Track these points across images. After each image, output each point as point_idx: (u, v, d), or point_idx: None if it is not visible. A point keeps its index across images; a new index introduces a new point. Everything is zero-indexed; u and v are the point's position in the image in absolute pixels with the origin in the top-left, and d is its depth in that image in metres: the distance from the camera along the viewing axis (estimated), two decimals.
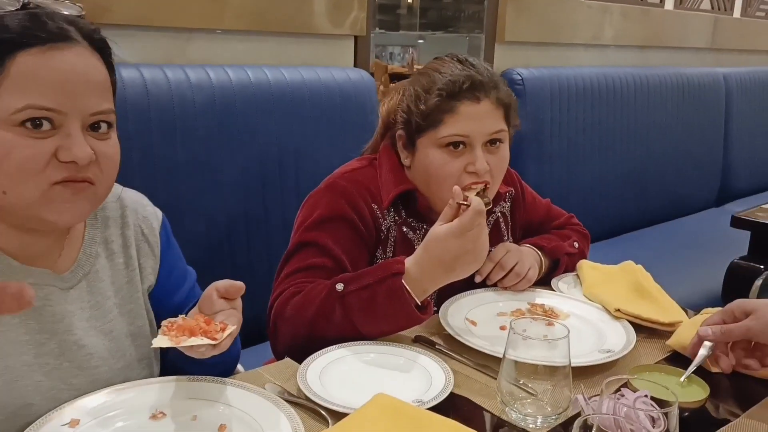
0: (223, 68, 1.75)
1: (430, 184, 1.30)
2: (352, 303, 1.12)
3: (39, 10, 0.87)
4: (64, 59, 0.85)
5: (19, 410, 0.89)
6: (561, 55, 2.92)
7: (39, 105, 0.83)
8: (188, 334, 0.87)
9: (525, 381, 0.94)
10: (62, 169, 0.85)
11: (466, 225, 1.09)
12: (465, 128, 1.26)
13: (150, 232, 1.07)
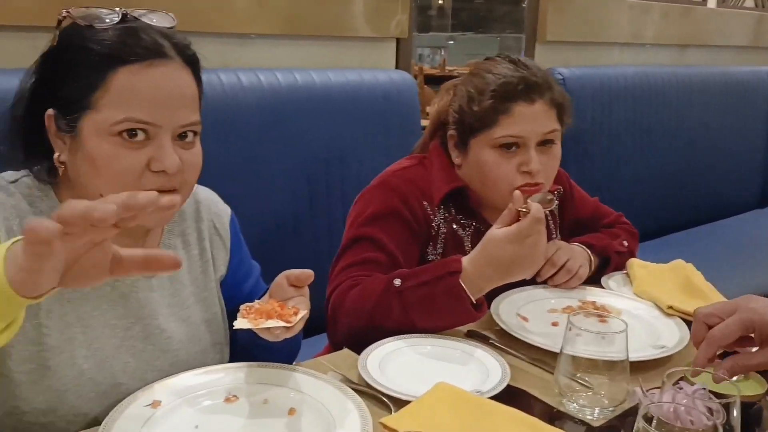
0: (272, 71, 1.80)
1: (484, 183, 1.33)
2: (408, 298, 1.15)
3: (136, 24, 0.93)
4: (159, 75, 0.91)
5: (109, 389, 0.96)
6: (600, 55, 2.92)
7: (136, 118, 0.89)
8: (265, 317, 0.93)
9: (581, 375, 0.96)
10: (154, 179, 0.91)
11: (524, 231, 1.10)
12: (519, 129, 1.28)
13: (221, 226, 1.14)
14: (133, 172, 0.90)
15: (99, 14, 0.92)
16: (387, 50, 2.19)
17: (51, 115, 0.93)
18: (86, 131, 0.90)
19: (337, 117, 1.88)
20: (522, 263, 1.12)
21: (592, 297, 1.37)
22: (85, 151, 0.91)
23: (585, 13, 2.76)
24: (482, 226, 1.38)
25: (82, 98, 0.90)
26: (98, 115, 0.89)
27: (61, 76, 0.92)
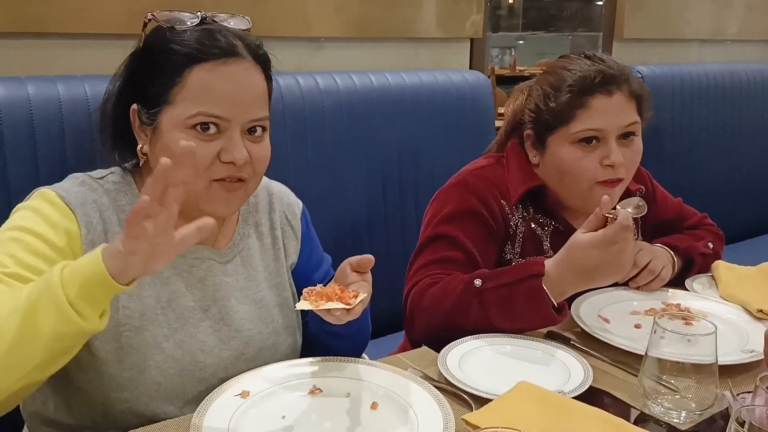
0: (348, 74, 1.83)
1: (564, 180, 1.31)
2: (489, 299, 1.15)
3: (213, 26, 1.00)
4: (232, 74, 0.98)
5: (188, 366, 1.03)
6: (680, 52, 2.84)
7: (209, 113, 0.97)
8: (325, 299, 0.96)
9: (667, 377, 0.94)
10: (223, 168, 0.99)
11: (610, 238, 1.09)
12: (598, 122, 1.26)
13: (293, 217, 1.20)
14: (204, 161, 0.97)
15: (180, 17, 1.00)
16: (461, 51, 2.20)
17: (135, 109, 1.02)
18: (164, 124, 0.98)
19: (411, 118, 1.90)
20: (606, 270, 1.10)
21: (676, 299, 1.34)
22: (162, 142, 0.99)
23: (664, 8, 2.68)
24: (561, 225, 1.36)
25: (162, 94, 0.98)
26: (175, 109, 0.97)
27: (146, 74, 1.00)
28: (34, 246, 0.94)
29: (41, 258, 0.93)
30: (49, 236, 0.95)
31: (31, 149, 1.30)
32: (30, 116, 1.30)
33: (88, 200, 1.01)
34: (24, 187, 1.27)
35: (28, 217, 0.97)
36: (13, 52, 1.47)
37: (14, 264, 0.91)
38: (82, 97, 1.35)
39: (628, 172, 1.30)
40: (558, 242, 1.35)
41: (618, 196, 1.32)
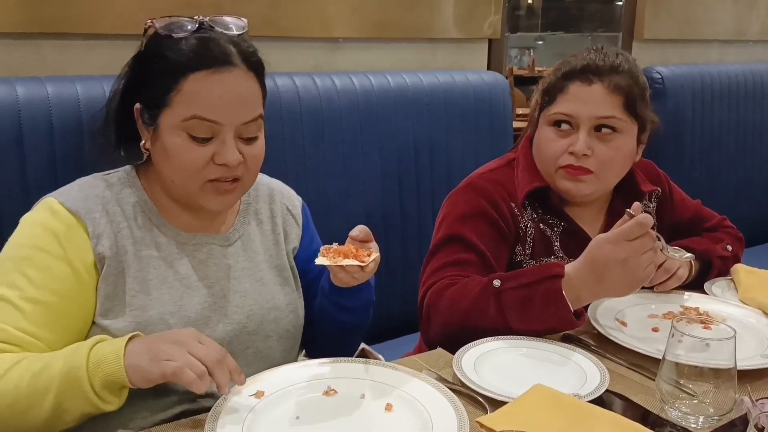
0: (365, 74, 1.83)
1: (539, 158, 1.35)
2: (507, 300, 1.15)
3: (209, 33, 1.05)
4: (225, 81, 1.03)
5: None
6: (700, 52, 2.80)
7: (203, 116, 1.02)
8: (342, 256, 1.02)
9: (685, 382, 0.93)
10: (216, 170, 1.05)
11: (624, 233, 1.08)
12: (571, 108, 1.29)
13: (293, 208, 1.27)
14: (198, 163, 1.04)
15: (179, 23, 1.05)
16: (479, 51, 2.19)
17: (138, 108, 1.08)
18: (163, 125, 1.05)
19: (428, 118, 1.89)
20: (615, 269, 1.08)
21: (695, 303, 1.32)
22: (161, 143, 1.05)
23: (684, 9, 2.65)
24: (570, 226, 1.36)
25: (161, 97, 1.04)
26: (172, 112, 1.03)
27: (146, 76, 1.07)
28: (44, 262, 1.00)
29: (50, 273, 1.00)
30: (55, 249, 1.01)
31: (50, 148, 1.32)
32: (49, 116, 1.32)
33: (90, 196, 1.07)
34: (43, 185, 1.29)
35: (34, 233, 1.03)
36: (32, 52, 1.49)
37: (28, 284, 0.99)
38: (100, 96, 1.37)
39: (599, 167, 1.29)
40: (568, 242, 1.35)
41: (592, 189, 1.31)
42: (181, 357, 0.89)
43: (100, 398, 0.91)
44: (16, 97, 1.30)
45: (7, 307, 0.97)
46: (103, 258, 1.04)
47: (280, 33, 1.78)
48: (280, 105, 1.64)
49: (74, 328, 1.02)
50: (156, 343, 0.92)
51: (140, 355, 0.90)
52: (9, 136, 1.28)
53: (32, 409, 0.91)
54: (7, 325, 0.96)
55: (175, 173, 1.06)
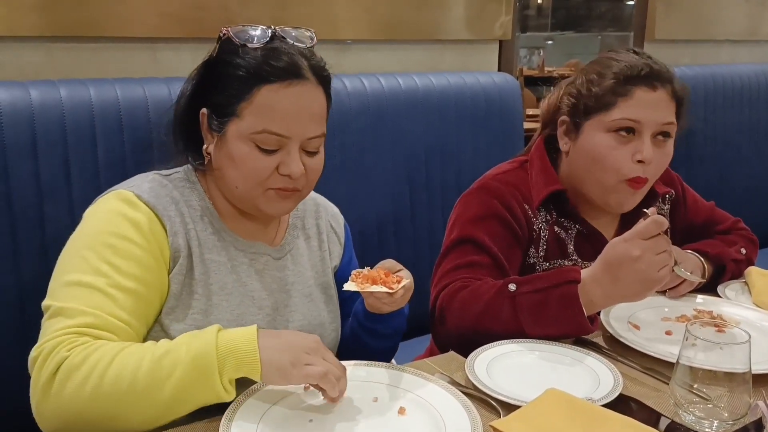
0: (375, 76, 1.83)
1: (591, 168, 1.29)
2: (522, 304, 1.14)
3: (281, 44, 1.07)
4: (296, 95, 1.04)
5: None
6: (712, 53, 2.79)
7: (272, 131, 1.04)
8: (371, 282, 1.03)
9: (699, 386, 0.92)
10: (279, 180, 1.07)
11: (639, 230, 1.08)
12: (638, 113, 1.25)
13: (337, 225, 1.30)
14: (264, 172, 1.05)
15: (252, 34, 1.06)
16: (489, 52, 2.18)
17: (205, 113, 1.10)
18: (231, 134, 1.06)
19: (438, 120, 1.89)
20: (630, 267, 1.08)
21: (708, 306, 1.32)
22: (227, 150, 1.07)
23: (696, 8, 2.64)
24: (585, 229, 1.35)
25: (230, 105, 1.05)
26: (242, 123, 1.05)
27: (216, 84, 1.08)
28: (128, 250, 1.00)
29: (135, 262, 1.00)
30: (137, 239, 1.01)
31: (63, 151, 1.32)
32: (62, 119, 1.32)
33: (161, 194, 1.07)
34: (56, 190, 1.31)
35: (114, 220, 1.02)
36: (45, 56, 1.50)
37: (114, 272, 0.98)
38: (112, 99, 1.37)
39: (654, 174, 1.28)
40: (582, 245, 1.34)
41: (640, 200, 1.31)
42: (322, 363, 0.91)
43: (225, 389, 0.90)
44: (30, 100, 1.30)
45: (98, 294, 0.96)
46: (178, 255, 1.05)
47: None
48: None
49: (152, 318, 1.03)
50: (292, 345, 0.93)
51: (279, 353, 0.91)
52: (23, 139, 1.28)
53: (150, 395, 0.88)
54: (100, 311, 0.94)
55: (240, 180, 1.07)
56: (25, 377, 0.94)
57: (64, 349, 0.90)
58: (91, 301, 0.95)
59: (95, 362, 0.88)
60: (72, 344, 0.90)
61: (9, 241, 1.27)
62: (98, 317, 0.94)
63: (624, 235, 1.10)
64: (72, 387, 0.88)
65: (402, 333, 1.23)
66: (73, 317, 0.93)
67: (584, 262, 1.34)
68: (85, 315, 0.93)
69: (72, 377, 0.88)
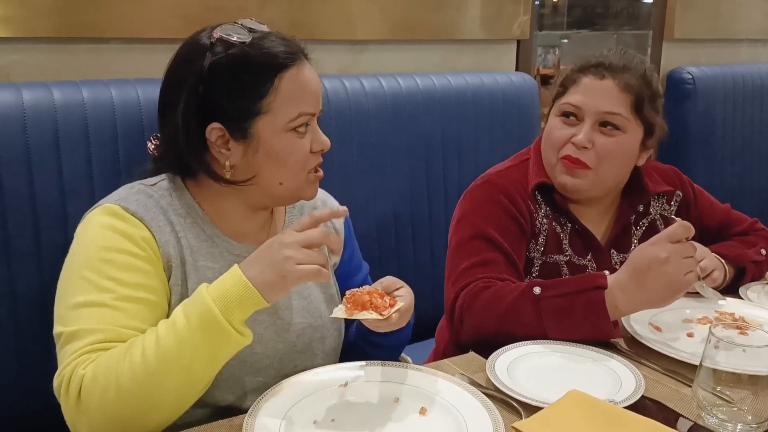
0: (393, 76, 1.83)
1: (544, 147, 1.37)
2: (547, 307, 1.15)
3: (271, 35, 1.05)
4: (308, 72, 1.07)
5: (247, 357, 1.06)
6: (730, 52, 2.76)
7: (306, 111, 1.05)
8: (360, 308, 0.98)
9: (722, 388, 0.92)
10: (314, 159, 1.09)
11: (667, 233, 1.10)
12: (579, 99, 1.31)
13: (336, 221, 1.24)
14: (306, 156, 1.07)
15: (237, 31, 1.04)
16: (507, 52, 2.17)
17: (217, 127, 1.03)
18: (263, 133, 1.04)
19: (456, 120, 1.89)
20: (657, 270, 1.08)
21: (730, 308, 1.30)
22: (265, 150, 1.04)
23: (715, 7, 2.61)
24: (576, 225, 1.36)
25: (251, 106, 1.03)
26: (274, 117, 1.03)
27: (225, 92, 1.02)
28: (126, 262, 0.98)
29: (135, 272, 0.99)
30: (133, 249, 1.00)
31: (85, 151, 1.33)
32: (85, 119, 1.33)
33: (149, 205, 1.05)
34: (78, 189, 1.32)
35: (106, 236, 1.00)
36: (67, 57, 1.51)
37: (118, 285, 0.97)
38: (134, 100, 1.38)
39: (597, 164, 1.30)
40: (576, 242, 1.36)
41: (588, 186, 1.32)
42: (305, 257, 0.92)
43: (241, 333, 0.91)
44: (53, 101, 1.32)
45: (106, 309, 0.95)
46: (170, 266, 1.03)
47: (306, 36, 1.78)
48: None
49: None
50: (272, 259, 0.92)
51: (267, 273, 0.91)
52: (46, 139, 1.30)
53: (169, 371, 0.88)
54: (109, 324, 0.94)
55: (288, 174, 1.06)
56: (47, 373, 0.96)
57: (81, 370, 0.91)
58: (100, 318, 0.94)
59: (107, 367, 0.89)
60: (88, 362, 0.91)
61: (32, 239, 1.29)
62: (109, 332, 0.94)
63: (651, 239, 1.12)
64: (97, 399, 0.89)
65: (406, 343, 1.22)
66: (84, 338, 0.93)
67: (578, 258, 1.35)
68: (96, 332, 0.93)
69: (94, 391, 0.89)
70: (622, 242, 1.39)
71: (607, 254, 1.37)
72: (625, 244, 1.39)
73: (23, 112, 1.28)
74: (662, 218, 1.44)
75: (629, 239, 1.40)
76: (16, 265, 1.28)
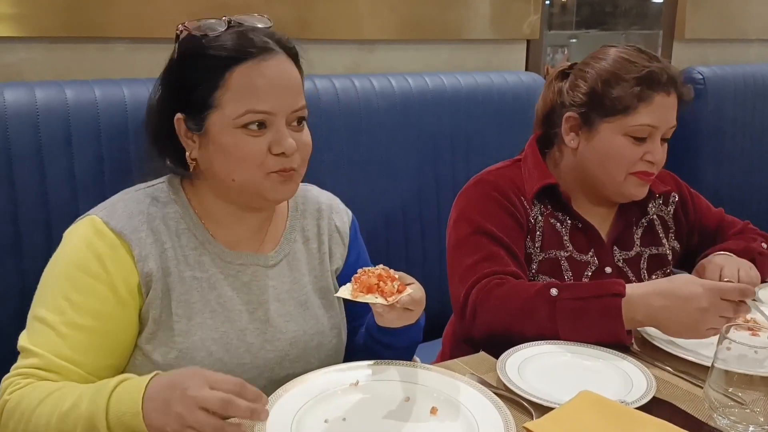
0: (403, 76, 1.83)
1: (605, 165, 1.33)
2: (561, 309, 1.15)
3: (243, 28, 1.04)
4: (270, 69, 1.01)
5: (235, 368, 1.05)
6: (740, 52, 2.75)
7: (256, 109, 1.00)
8: (366, 291, 0.95)
9: (734, 390, 0.92)
10: (275, 161, 1.02)
11: (723, 288, 1.10)
12: (656, 119, 1.29)
13: (341, 225, 1.22)
14: (258, 156, 1.01)
15: (210, 24, 1.04)
16: (517, 52, 2.17)
17: (180, 118, 1.04)
18: (213, 127, 1.02)
19: (465, 120, 1.89)
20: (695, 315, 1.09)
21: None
22: (214, 145, 1.02)
23: (726, 7, 2.60)
24: (579, 222, 1.37)
25: (206, 99, 1.01)
26: (223, 112, 1.01)
27: (186, 82, 1.03)
28: (85, 284, 0.99)
29: (91, 296, 0.99)
30: (98, 271, 0.99)
31: (97, 149, 1.34)
32: (96, 118, 1.34)
33: (134, 213, 1.04)
34: (91, 185, 1.33)
35: (78, 252, 1.00)
36: (77, 56, 1.52)
37: (69, 308, 0.98)
38: (145, 99, 1.37)
39: (657, 171, 1.34)
40: (577, 238, 1.36)
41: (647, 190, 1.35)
42: (194, 420, 0.81)
43: None
44: (65, 99, 1.33)
45: (49, 332, 0.96)
46: (149, 280, 1.01)
47: (314, 35, 1.79)
48: (318, 106, 1.65)
49: (116, 351, 1.01)
50: (165, 401, 0.84)
51: (164, 419, 0.84)
52: (58, 138, 1.31)
53: None
54: (48, 352, 0.95)
55: (236, 171, 1.02)
56: None
57: (7, 393, 0.94)
58: (43, 341, 0.96)
59: (24, 409, 0.91)
60: (15, 387, 0.94)
61: (44, 236, 1.30)
62: (44, 358, 0.95)
63: (705, 281, 1.12)
64: (11, 428, 0.92)
65: (416, 347, 1.19)
66: (26, 358, 0.97)
67: (578, 254, 1.35)
68: (34, 356, 0.96)
69: (9, 421, 0.92)
70: (624, 239, 1.40)
71: (609, 250, 1.37)
72: (627, 242, 1.40)
73: (36, 110, 1.29)
74: (659, 219, 1.45)
75: (632, 237, 1.41)
76: (28, 261, 1.29)
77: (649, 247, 1.41)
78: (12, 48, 1.45)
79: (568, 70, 1.41)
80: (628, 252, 1.39)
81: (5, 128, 1.27)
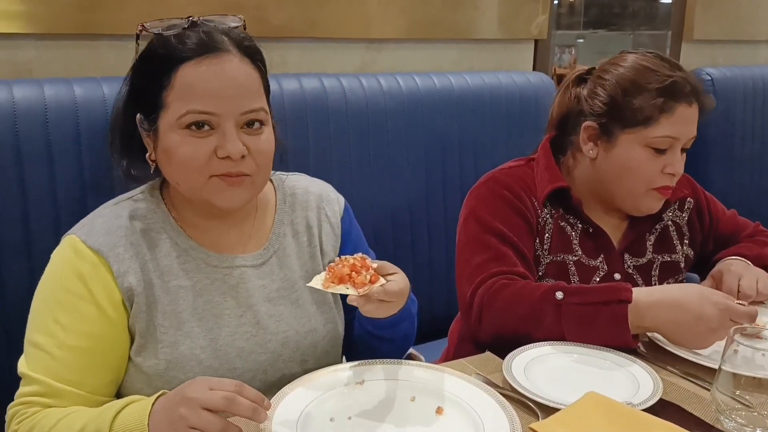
0: (411, 76, 1.83)
1: (623, 177, 1.30)
2: (568, 313, 1.14)
3: (203, 27, 1.01)
4: (216, 68, 0.98)
5: (226, 373, 1.03)
6: (750, 53, 2.74)
7: (197, 110, 0.97)
8: (337, 281, 0.93)
9: (742, 393, 0.91)
10: (221, 165, 0.99)
11: (734, 310, 1.10)
12: (677, 130, 1.26)
13: (332, 214, 1.19)
14: (199, 158, 0.98)
15: (171, 23, 1.02)
16: (525, 52, 2.17)
17: (139, 119, 1.04)
18: (162, 128, 1.00)
19: (473, 120, 1.88)
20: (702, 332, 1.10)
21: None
22: (162, 146, 1.01)
23: (734, 8, 2.59)
24: (590, 227, 1.35)
25: (156, 99, 1.00)
26: (168, 112, 0.99)
27: (142, 83, 1.03)
28: (72, 305, 0.98)
29: (78, 316, 0.98)
30: (82, 292, 0.99)
31: (106, 147, 1.32)
32: (106, 115, 1.34)
33: (112, 229, 1.03)
34: (99, 183, 1.33)
35: (62, 274, 1.00)
36: (89, 53, 1.53)
37: (60, 330, 0.97)
38: None
39: (676, 181, 1.32)
40: (587, 242, 1.35)
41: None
42: (198, 420, 0.81)
43: None
44: (74, 97, 1.33)
45: (44, 356, 0.96)
46: (131, 295, 1.00)
47: (323, 34, 1.79)
48: (326, 105, 1.65)
49: (112, 367, 1.01)
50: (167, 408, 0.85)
51: (160, 424, 0.85)
52: (68, 135, 1.31)
53: None
54: (46, 376, 0.95)
55: (179, 173, 1.01)
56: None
57: (15, 422, 0.95)
58: (40, 366, 0.96)
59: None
60: (21, 417, 0.95)
61: (53, 234, 1.30)
62: (43, 384, 0.95)
63: (718, 300, 1.11)
64: None
65: (412, 338, 1.18)
66: (27, 385, 0.97)
67: (587, 258, 1.34)
68: (35, 383, 0.96)
69: None
70: (636, 246, 1.38)
71: (619, 257, 1.36)
72: (639, 248, 1.38)
73: (45, 107, 1.30)
74: (674, 224, 1.43)
75: (644, 244, 1.39)
76: (37, 260, 1.29)
77: (661, 254, 1.39)
78: (22, 45, 1.46)
79: (586, 75, 1.38)
80: (640, 259, 1.37)
81: (14, 125, 1.27)
